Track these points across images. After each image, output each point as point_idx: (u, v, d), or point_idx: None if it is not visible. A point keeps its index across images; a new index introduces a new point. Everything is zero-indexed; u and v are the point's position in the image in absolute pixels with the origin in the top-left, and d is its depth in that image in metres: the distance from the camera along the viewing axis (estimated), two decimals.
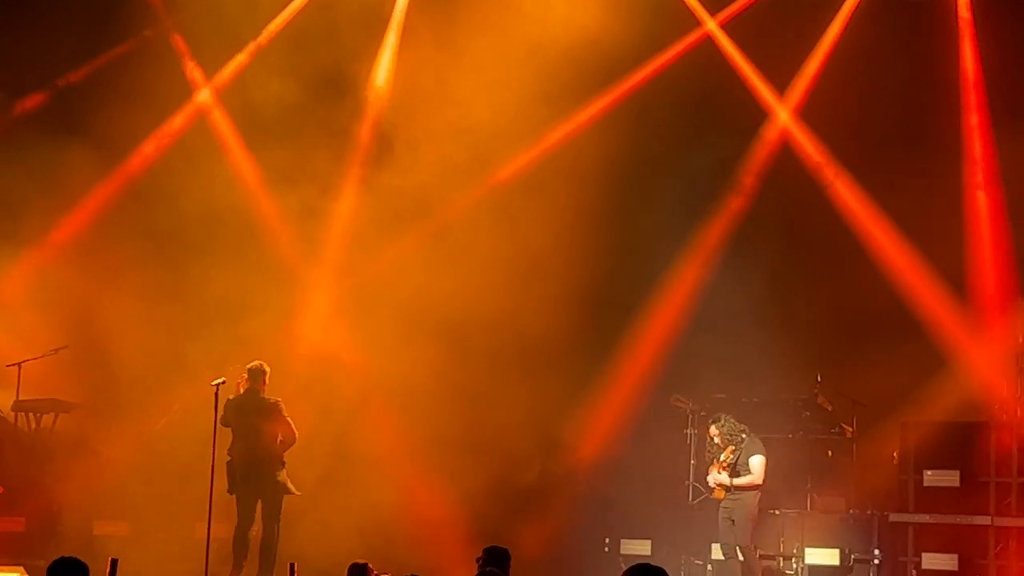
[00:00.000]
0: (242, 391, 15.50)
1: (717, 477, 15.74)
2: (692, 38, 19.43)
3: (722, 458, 15.71)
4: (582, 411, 18.66)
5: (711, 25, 19.38)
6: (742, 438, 15.77)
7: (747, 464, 15.68)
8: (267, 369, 15.55)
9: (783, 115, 19.20)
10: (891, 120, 18.42)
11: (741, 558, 15.67)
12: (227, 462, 15.41)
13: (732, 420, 15.92)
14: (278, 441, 15.41)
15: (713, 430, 15.92)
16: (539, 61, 18.47)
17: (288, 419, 15.46)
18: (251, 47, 19.96)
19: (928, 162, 18.11)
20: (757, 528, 15.97)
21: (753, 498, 15.70)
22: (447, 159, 18.84)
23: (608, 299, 19.11)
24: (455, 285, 18.22)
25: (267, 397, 15.51)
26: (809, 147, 18.97)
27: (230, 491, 15.41)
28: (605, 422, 18.49)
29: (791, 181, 18.97)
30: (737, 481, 15.65)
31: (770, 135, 19.25)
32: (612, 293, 19.12)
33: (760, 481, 15.67)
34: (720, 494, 15.74)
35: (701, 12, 19.40)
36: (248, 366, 15.58)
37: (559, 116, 19.05)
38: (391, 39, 19.69)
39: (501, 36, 18.53)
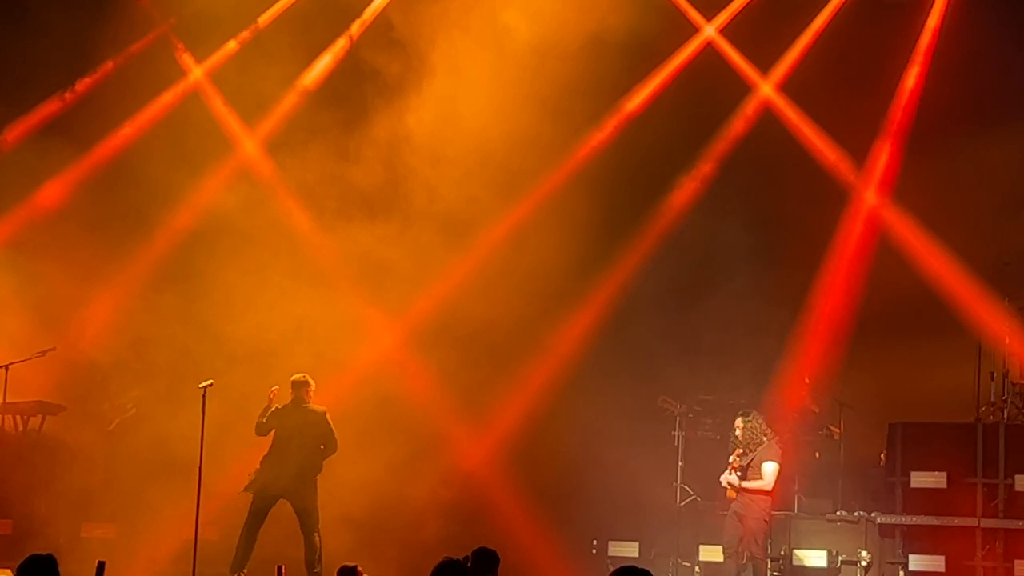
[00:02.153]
0: (289, 401, 15.67)
1: (727, 477, 15.66)
2: (695, 42, 19.51)
3: (731, 459, 15.64)
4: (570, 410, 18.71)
5: (709, 30, 19.46)
6: (762, 440, 15.63)
7: (759, 468, 15.51)
8: (311, 381, 15.72)
9: (768, 91, 19.28)
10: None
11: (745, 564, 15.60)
12: (258, 470, 15.52)
13: (760, 420, 15.68)
14: (320, 449, 15.59)
15: (739, 422, 15.70)
16: (538, 68, 18.54)
17: (333, 429, 15.62)
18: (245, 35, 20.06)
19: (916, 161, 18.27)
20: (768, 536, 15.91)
21: (763, 503, 15.47)
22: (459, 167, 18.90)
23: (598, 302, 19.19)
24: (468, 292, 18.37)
25: (315, 407, 15.68)
26: (804, 148, 19.06)
27: (247, 489, 15.48)
28: (592, 422, 18.52)
29: (783, 181, 19.00)
30: (745, 484, 15.48)
31: (758, 129, 19.36)
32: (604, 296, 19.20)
33: (769, 488, 15.44)
34: (731, 494, 15.66)
35: (694, 14, 19.49)
36: (292, 378, 15.74)
37: (567, 118, 19.01)
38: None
39: (496, 50, 18.61)
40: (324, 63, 19.87)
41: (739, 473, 15.52)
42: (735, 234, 18.76)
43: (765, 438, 15.63)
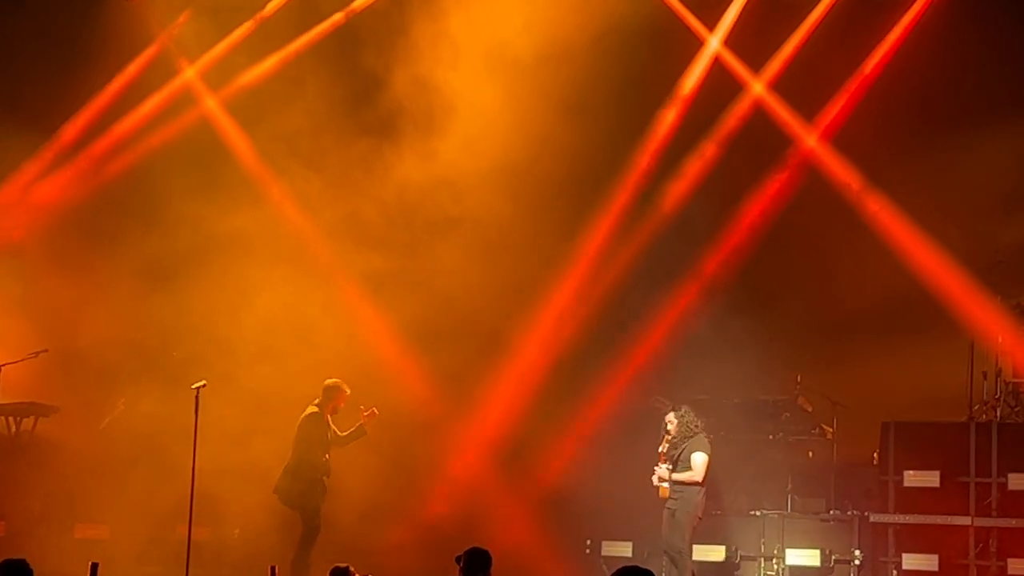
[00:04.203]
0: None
1: (658, 470, 15.57)
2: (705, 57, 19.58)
3: (660, 449, 15.61)
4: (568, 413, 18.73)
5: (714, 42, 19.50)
6: (693, 433, 15.58)
7: (688, 460, 15.42)
8: (331, 386, 15.61)
9: (758, 89, 19.33)
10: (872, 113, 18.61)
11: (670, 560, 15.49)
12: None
13: (693, 415, 15.66)
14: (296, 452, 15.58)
15: (671, 416, 15.66)
16: (547, 74, 18.62)
17: (299, 435, 15.54)
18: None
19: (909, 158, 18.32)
20: (698, 529, 15.69)
21: (695, 496, 15.39)
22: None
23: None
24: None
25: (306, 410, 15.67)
26: (791, 141, 19.11)
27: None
28: (587, 424, 18.53)
29: (774, 181, 19.03)
30: (676, 476, 15.39)
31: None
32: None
33: (700, 479, 15.34)
34: (665, 492, 15.53)
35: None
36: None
37: (583, 116, 18.99)
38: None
39: (503, 64, 18.71)
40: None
41: (668, 465, 15.49)
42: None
43: (695, 430, 15.61)
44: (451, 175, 18.86)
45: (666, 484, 15.45)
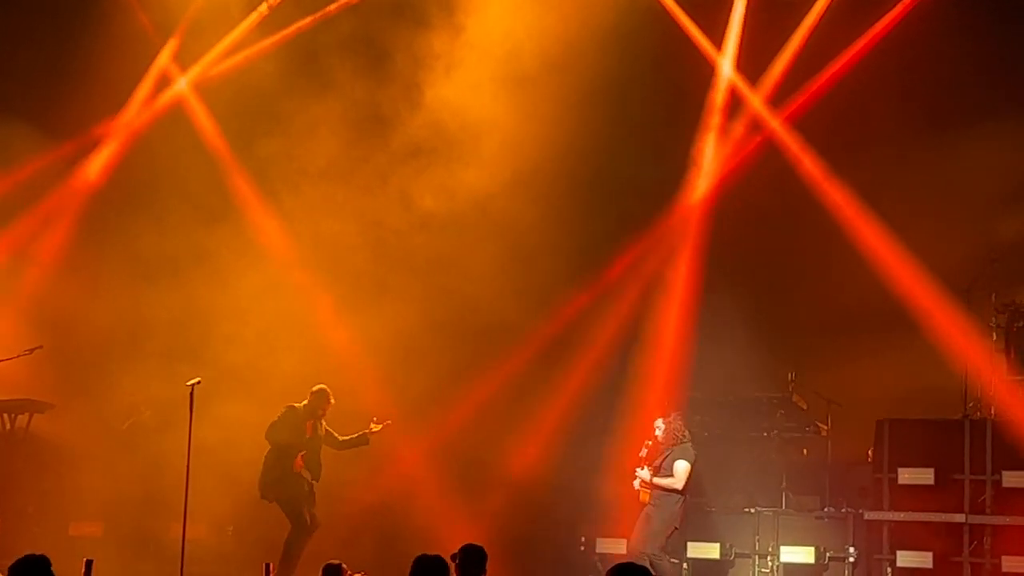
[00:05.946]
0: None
1: (639, 472, 15.56)
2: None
3: (640, 453, 15.58)
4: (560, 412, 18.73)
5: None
6: (679, 441, 15.53)
7: (671, 467, 15.41)
8: (315, 392, 15.69)
9: (755, 102, 19.30)
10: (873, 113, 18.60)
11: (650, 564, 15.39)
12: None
13: (681, 424, 15.61)
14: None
15: (659, 423, 15.62)
16: (555, 76, 18.70)
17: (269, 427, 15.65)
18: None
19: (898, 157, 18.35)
20: (673, 534, 15.67)
21: (673, 505, 15.38)
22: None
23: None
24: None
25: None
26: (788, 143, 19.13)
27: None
28: (582, 422, 18.54)
29: (768, 179, 19.03)
30: (657, 480, 15.39)
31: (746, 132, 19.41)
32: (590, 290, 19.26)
33: (679, 487, 15.33)
34: (645, 496, 15.53)
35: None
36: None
37: (593, 115, 18.97)
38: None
39: (512, 69, 18.78)
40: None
41: (650, 468, 15.45)
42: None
43: (682, 439, 15.57)
44: (469, 184, 18.88)
45: (647, 489, 15.43)
